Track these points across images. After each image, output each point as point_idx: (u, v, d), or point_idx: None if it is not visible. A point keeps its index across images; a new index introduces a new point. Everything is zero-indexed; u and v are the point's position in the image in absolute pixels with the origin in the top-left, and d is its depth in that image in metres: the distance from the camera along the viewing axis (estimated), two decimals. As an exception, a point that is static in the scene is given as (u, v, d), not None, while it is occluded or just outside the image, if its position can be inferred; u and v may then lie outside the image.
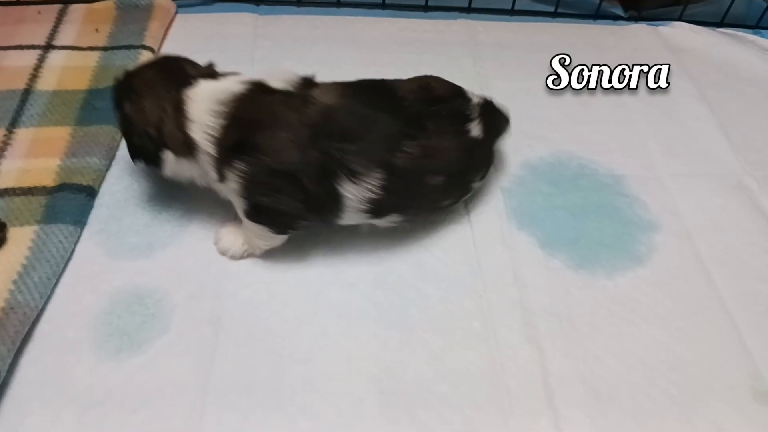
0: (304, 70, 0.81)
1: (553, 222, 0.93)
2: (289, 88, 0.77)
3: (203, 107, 0.75)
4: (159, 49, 1.14)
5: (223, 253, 0.85)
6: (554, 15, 1.32)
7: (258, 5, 1.27)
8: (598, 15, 1.33)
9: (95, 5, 1.19)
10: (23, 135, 0.94)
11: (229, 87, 0.76)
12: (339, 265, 0.86)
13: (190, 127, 0.75)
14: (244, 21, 1.22)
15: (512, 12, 1.31)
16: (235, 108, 0.75)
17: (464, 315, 0.82)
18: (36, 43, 1.10)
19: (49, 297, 0.78)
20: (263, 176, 0.74)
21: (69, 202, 0.85)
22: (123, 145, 0.97)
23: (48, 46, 1.09)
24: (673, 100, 1.16)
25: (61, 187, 0.86)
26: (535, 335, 0.80)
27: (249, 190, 0.76)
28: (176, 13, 1.23)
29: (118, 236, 0.86)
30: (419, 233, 0.90)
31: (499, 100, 0.93)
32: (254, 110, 0.75)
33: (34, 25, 1.14)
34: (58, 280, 0.80)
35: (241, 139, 0.74)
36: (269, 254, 0.85)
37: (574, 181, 0.99)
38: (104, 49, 1.10)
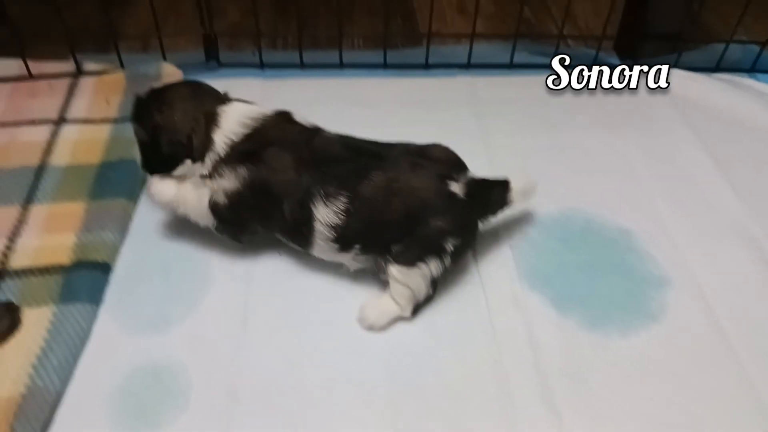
0: None
1: (564, 280, 0.94)
2: (307, 124, 0.89)
3: (234, 119, 0.86)
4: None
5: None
6: (552, 66, 1.35)
7: (263, 69, 1.30)
8: (594, 64, 1.35)
9: (105, 77, 1.22)
10: (38, 211, 0.96)
11: (260, 110, 0.89)
12: (353, 330, 0.87)
13: (215, 132, 0.85)
14: (250, 85, 1.25)
15: (511, 66, 1.34)
16: (261, 124, 0.86)
17: (480, 380, 0.82)
18: (49, 117, 1.13)
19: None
20: (259, 187, 0.84)
21: (85, 280, 0.86)
22: (136, 217, 0.99)
23: (60, 120, 1.12)
24: (675, 148, 1.18)
25: (77, 265, 0.88)
26: (551, 399, 0.80)
27: (236, 193, 0.85)
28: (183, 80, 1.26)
29: (134, 310, 0.87)
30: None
31: (504, 156, 0.95)
32: (275, 131, 0.86)
33: (46, 98, 1.17)
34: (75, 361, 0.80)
35: (254, 149, 0.84)
36: (286, 325, 0.86)
37: (583, 237, 1.00)
38: (115, 121, 1.13)
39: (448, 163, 0.87)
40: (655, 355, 0.86)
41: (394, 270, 0.84)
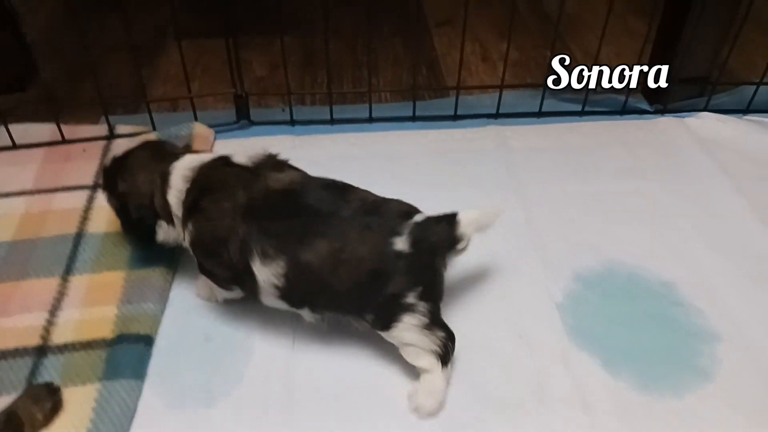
0: None
1: (612, 338, 0.92)
2: (249, 164, 0.86)
3: (179, 174, 0.86)
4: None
5: (197, 295, 0.96)
6: (581, 114, 1.35)
7: (293, 126, 1.31)
8: (624, 111, 1.35)
9: (139, 139, 1.23)
10: (78, 283, 0.95)
11: (201, 158, 0.89)
12: (400, 397, 0.85)
13: (168, 193, 0.86)
14: (282, 143, 1.25)
15: (539, 114, 1.34)
16: (198, 174, 0.86)
17: (534, 448, 0.80)
18: (84, 183, 1.13)
19: (113, 459, 0.77)
20: (204, 237, 0.84)
21: (128, 353, 0.85)
22: (174, 286, 0.98)
23: (96, 185, 1.12)
24: (709, 195, 1.17)
25: (120, 339, 0.87)
26: (609, 467, 0.78)
27: (194, 248, 0.86)
28: (215, 139, 1.27)
29: (178, 383, 0.86)
30: (472, 352, 0.88)
31: (538, 206, 0.94)
32: (211, 178, 0.85)
33: (81, 162, 1.18)
34: (121, 440, 0.79)
35: (194, 200, 0.84)
36: (332, 394, 0.85)
37: (627, 291, 0.98)
38: (149, 184, 1.13)
39: (398, 216, 0.81)
40: (711, 414, 0.83)
41: (383, 335, 0.83)
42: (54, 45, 1.55)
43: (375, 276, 0.79)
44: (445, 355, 0.83)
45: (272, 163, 0.87)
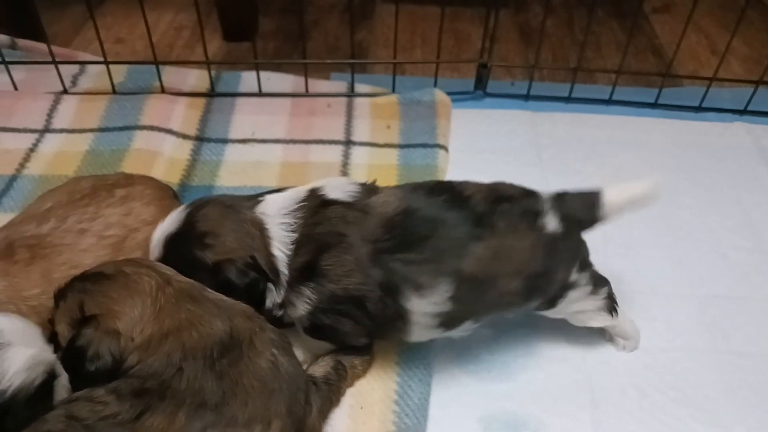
0: (594, 174, 1.02)
1: None
2: (349, 199, 0.74)
3: (276, 222, 0.75)
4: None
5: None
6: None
7: (526, 101, 1.28)
8: None
9: (377, 99, 1.23)
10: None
11: (292, 197, 0.76)
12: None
13: (271, 246, 0.74)
14: (519, 118, 1.23)
15: (789, 111, 1.26)
16: (303, 223, 0.74)
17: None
18: (337, 137, 1.14)
19: None
20: (334, 303, 0.72)
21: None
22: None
23: (348, 142, 1.13)
24: None
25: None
26: None
27: (315, 316, 0.73)
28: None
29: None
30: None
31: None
32: (319, 229, 0.73)
33: (329, 118, 1.19)
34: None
35: (309, 264, 0.72)
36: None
37: None
38: (400, 146, 1.13)
39: (524, 195, 0.75)
40: None
41: (547, 313, 0.80)
42: (266, 3, 1.57)
43: (540, 266, 0.73)
44: (612, 307, 0.82)
45: (366, 189, 0.76)
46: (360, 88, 1.26)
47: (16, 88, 1.21)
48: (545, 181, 1.09)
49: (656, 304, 0.92)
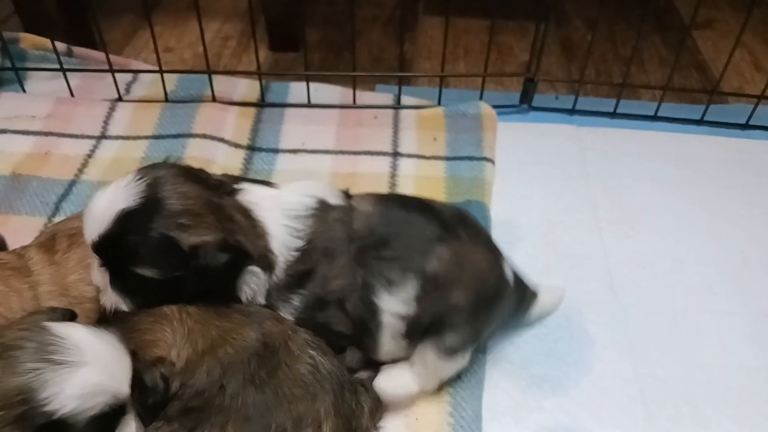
0: (641, 188, 1.07)
1: None
2: (345, 203, 0.76)
3: (280, 222, 0.74)
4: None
5: None
6: None
7: (571, 115, 1.28)
8: None
9: (423, 111, 1.25)
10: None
11: (299, 202, 0.76)
12: None
13: (270, 242, 0.73)
14: (565, 132, 1.24)
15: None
16: (310, 231, 0.74)
17: None
18: (383, 149, 1.16)
19: None
20: (320, 305, 0.73)
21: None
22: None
23: (396, 154, 1.15)
24: None
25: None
26: None
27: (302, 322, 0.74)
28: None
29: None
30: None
31: None
32: (324, 238, 0.74)
33: (376, 129, 1.21)
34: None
35: (309, 272, 0.73)
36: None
37: None
38: (447, 158, 1.14)
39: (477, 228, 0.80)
40: None
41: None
42: (310, 14, 1.60)
43: (492, 288, 0.76)
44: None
45: (345, 194, 0.78)
46: (406, 100, 1.27)
47: (72, 95, 1.25)
48: (592, 196, 1.10)
49: (707, 320, 0.92)
